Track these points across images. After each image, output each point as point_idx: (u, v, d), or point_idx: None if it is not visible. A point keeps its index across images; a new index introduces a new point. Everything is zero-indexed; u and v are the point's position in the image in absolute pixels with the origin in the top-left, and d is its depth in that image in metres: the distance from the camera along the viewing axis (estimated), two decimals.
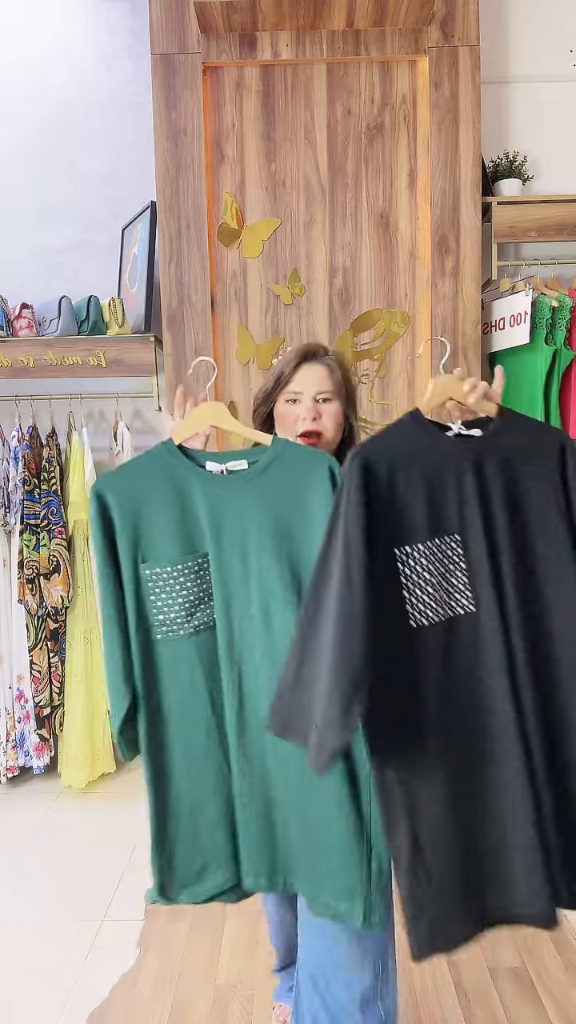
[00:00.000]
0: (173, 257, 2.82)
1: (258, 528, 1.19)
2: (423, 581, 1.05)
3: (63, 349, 2.85)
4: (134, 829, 2.62)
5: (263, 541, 1.18)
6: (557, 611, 1.09)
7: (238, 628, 1.19)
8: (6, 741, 2.90)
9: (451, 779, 1.03)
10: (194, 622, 1.20)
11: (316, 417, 1.36)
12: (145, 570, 1.19)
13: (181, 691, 1.20)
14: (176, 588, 1.19)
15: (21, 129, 3.14)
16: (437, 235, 2.80)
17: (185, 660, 1.20)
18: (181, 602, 1.19)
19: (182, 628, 1.20)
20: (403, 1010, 1.75)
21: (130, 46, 3.08)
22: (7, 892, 2.27)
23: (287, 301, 2.88)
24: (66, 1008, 1.78)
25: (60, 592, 2.81)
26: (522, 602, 1.09)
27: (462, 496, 1.10)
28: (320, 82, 2.80)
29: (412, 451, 1.10)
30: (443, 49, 2.74)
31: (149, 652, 1.20)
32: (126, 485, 1.21)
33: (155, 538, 1.20)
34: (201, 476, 1.23)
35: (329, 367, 1.39)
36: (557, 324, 2.76)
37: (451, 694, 1.05)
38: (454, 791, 1.03)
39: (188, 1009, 1.77)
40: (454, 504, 1.09)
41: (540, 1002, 1.76)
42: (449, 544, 1.09)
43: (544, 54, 3.07)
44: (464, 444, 1.13)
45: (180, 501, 1.21)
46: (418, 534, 1.06)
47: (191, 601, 1.20)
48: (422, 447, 1.11)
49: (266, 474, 1.21)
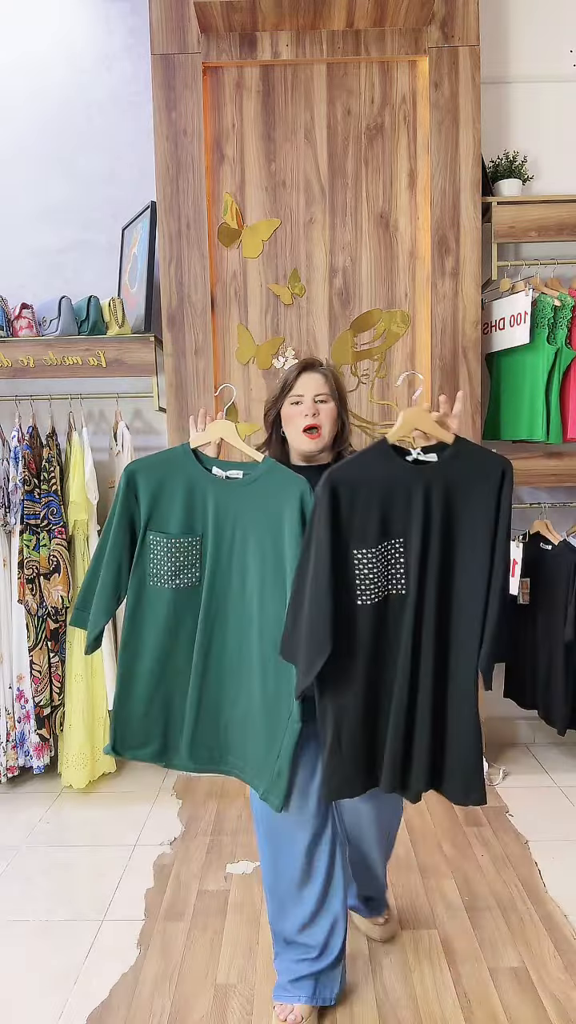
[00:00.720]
0: (173, 257, 2.82)
1: (245, 523, 1.62)
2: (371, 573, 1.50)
3: (63, 349, 2.85)
4: (134, 829, 2.62)
5: (247, 533, 1.62)
6: (464, 597, 1.54)
7: (220, 587, 1.65)
8: (6, 741, 2.90)
9: (364, 703, 1.54)
10: (177, 581, 1.64)
11: (316, 414, 1.67)
12: (150, 535, 1.64)
13: (157, 620, 1.65)
14: (169, 554, 1.63)
15: (21, 129, 3.14)
16: (437, 235, 2.81)
17: (164, 602, 1.65)
18: (170, 565, 1.64)
19: (167, 583, 1.64)
20: (403, 1009, 1.75)
21: (130, 46, 3.09)
22: (7, 892, 2.27)
23: (287, 301, 2.88)
24: (66, 1008, 1.78)
25: (60, 592, 2.81)
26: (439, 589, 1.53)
27: (409, 511, 1.50)
28: (320, 82, 2.80)
29: (373, 474, 1.49)
30: (443, 49, 2.74)
31: (142, 591, 1.66)
32: (152, 469, 1.65)
33: (164, 513, 1.64)
34: (207, 477, 1.66)
35: (325, 375, 1.70)
36: (559, 323, 2.76)
37: (374, 647, 1.53)
38: (364, 710, 1.54)
39: (188, 1009, 1.77)
40: (401, 516, 1.51)
41: (540, 1002, 1.76)
42: (394, 545, 1.52)
43: (544, 54, 3.07)
44: (418, 468, 1.52)
45: (189, 491, 1.65)
46: (369, 540, 1.49)
47: (177, 566, 1.64)
48: (382, 471, 1.50)
49: (255, 485, 1.63)
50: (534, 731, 3.21)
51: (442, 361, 2.84)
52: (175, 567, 1.63)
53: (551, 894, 2.19)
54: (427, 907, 2.13)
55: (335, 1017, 1.73)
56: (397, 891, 2.21)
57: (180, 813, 2.73)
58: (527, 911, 2.11)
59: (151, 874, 2.35)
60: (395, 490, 1.49)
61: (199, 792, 2.88)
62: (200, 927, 2.07)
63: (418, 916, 2.09)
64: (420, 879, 2.27)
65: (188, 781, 2.96)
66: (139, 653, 1.67)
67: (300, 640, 1.47)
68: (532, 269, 2.96)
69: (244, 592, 1.64)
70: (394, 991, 1.81)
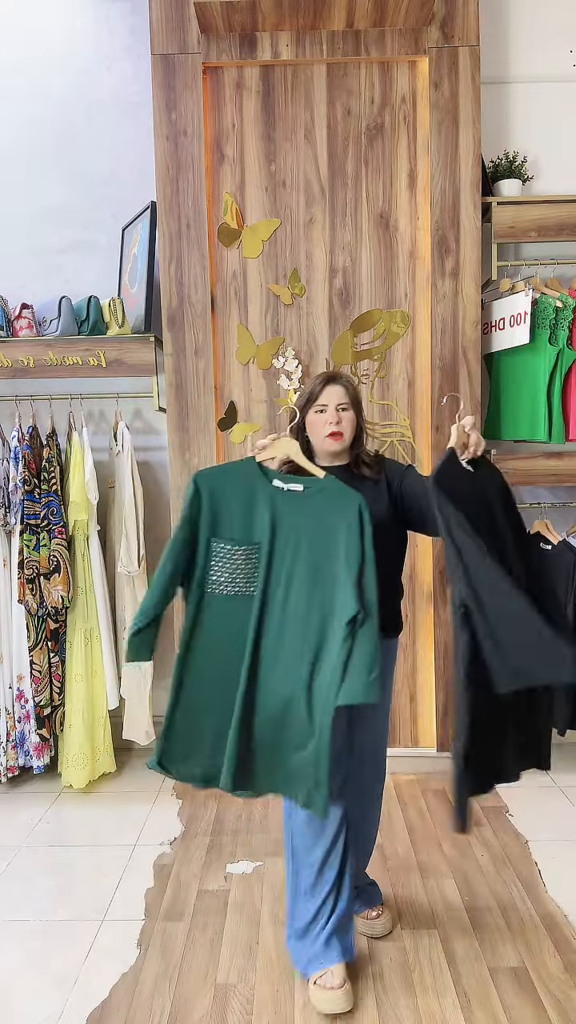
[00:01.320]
0: (173, 257, 2.82)
1: (302, 534, 1.71)
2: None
3: (63, 349, 2.85)
4: (134, 829, 2.62)
5: (302, 543, 1.71)
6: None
7: (272, 595, 1.70)
8: (6, 741, 2.90)
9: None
10: (234, 588, 1.71)
11: (339, 422, 1.83)
12: (214, 543, 1.71)
13: (213, 632, 1.70)
14: (230, 561, 1.70)
15: (21, 129, 3.14)
16: (437, 235, 2.81)
17: (221, 611, 1.70)
18: (230, 571, 1.70)
19: (226, 589, 1.71)
20: (403, 1009, 1.76)
21: (130, 46, 3.09)
22: (7, 892, 2.27)
23: (287, 301, 2.88)
24: (66, 1008, 1.78)
25: (60, 592, 2.81)
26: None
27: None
28: (320, 82, 2.80)
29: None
30: (443, 49, 2.74)
31: (200, 600, 1.71)
32: (216, 480, 1.74)
33: (226, 522, 1.71)
34: (269, 488, 1.75)
35: (346, 387, 1.86)
36: (560, 324, 2.76)
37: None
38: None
39: (188, 1009, 1.77)
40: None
41: (540, 1002, 1.76)
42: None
43: (544, 54, 3.07)
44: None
45: (250, 502, 1.74)
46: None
47: (236, 574, 1.70)
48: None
49: (315, 499, 1.73)
50: None
51: (442, 361, 2.84)
52: (234, 575, 1.70)
53: (551, 894, 2.19)
54: (427, 907, 2.13)
55: (335, 1017, 1.73)
56: (397, 891, 2.21)
57: (180, 813, 2.73)
58: (527, 911, 2.11)
59: (151, 874, 2.35)
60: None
61: (199, 792, 2.87)
62: (200, 927, 2.07)
63: (418, 916, 2.09)
64: (420, 879, 2.27)
65: None
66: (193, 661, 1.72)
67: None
68: (532, 269, 2.96)
69: (292, 600, 1.69)
70: (394, 991, 1.81)
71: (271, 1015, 1.75)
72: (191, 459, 2.88)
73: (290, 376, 2.89)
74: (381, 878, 2.21)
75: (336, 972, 1.77)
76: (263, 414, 2.92)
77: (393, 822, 2.60)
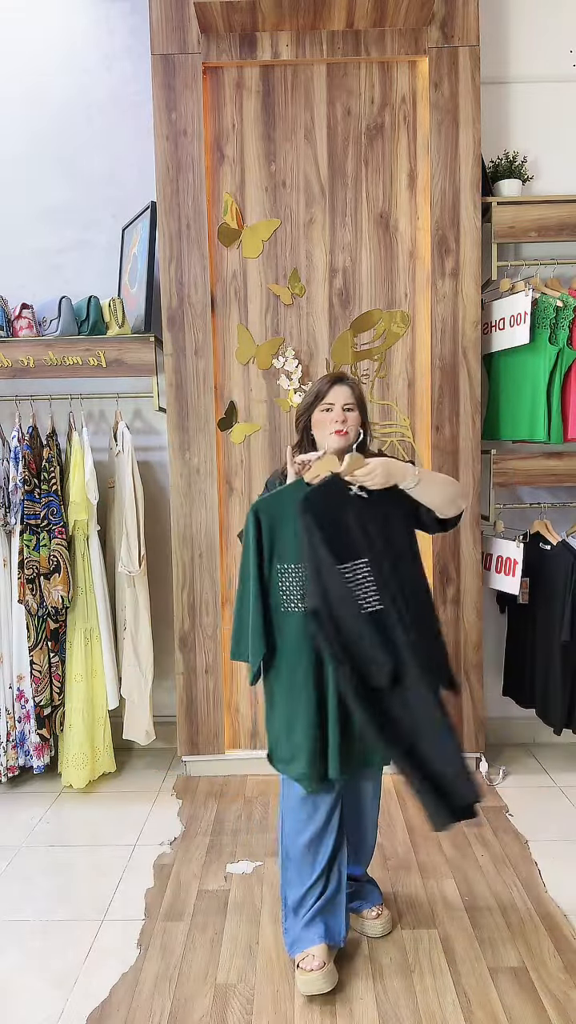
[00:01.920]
0: (173, 257, 2.82)
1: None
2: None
3: (63, 349, 2.85)
4: (134, 829, 2.62)
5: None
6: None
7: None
8: (6, 741, 2.90)
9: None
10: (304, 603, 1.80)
11: (344, 420, 1.89)
12: (277, 566, 1.83)
13: (291, 644, 1.82)
14: (295, 580, 1.82)
15: (21, 129, 3.14)
16: (437, 235, 2.81)
17: (295, 625, 1.82)
18: (297, 589, 1.82)
19: (296, 606, 1.82)
20: (403, 1009, 1.75)
21: (130, 46, 3.09)
22: (7, 892, 2.27)
23: (287, 301, 2.88)
24: (66, 1008, 1.78)
25: (60, 592, 2.82)
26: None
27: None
28: (320, 82, 2.80)
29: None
30: (443, 49, 2.74)
31: (275, 618, 1.84)
32: (271, 508, 1.83)
33: (284, 547, 1.82)
34: None
35: (351, 387, 1.93)
36: (560, 324, 2.76)
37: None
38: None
39: (188, 1009, 1.77)
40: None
41: (540, 1002, 1.76)
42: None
43: (544, 54, 3.07)
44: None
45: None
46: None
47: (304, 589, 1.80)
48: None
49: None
50: (533, 730, 3.21)
51: (442, 361, 2.84)
52: (302, 590, 1.81)
53: (551, 894, 2.19)
54: (427, 907, 2.13)
55: (335, 1017, 1.73)
56: (397, 891, 2.21)
57: (180, 813, 2.73)
58: (527, 911, 2.11)
59: (151, 874, 2.35)
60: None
61: (199, 792, 2.88)
62: (200, 927, 2.07)
63: (418, 916, 2.09)
64: (420, 879, 2.27)
65: (188, 781, 2.96)
66: (279, 674, 1.86)
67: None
68: (532, 269, 2.96)
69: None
70: (394, 991, 1.81)
71: (271, 1015, 1.75)
72: (191, 459, 2.88)
73: (290, 376, 2.89)
74: (381, 878, 2.21)
75: (316, 953, 1.81)
76: (263, 414, 2.92)
77: (393, 822, 2.60)
